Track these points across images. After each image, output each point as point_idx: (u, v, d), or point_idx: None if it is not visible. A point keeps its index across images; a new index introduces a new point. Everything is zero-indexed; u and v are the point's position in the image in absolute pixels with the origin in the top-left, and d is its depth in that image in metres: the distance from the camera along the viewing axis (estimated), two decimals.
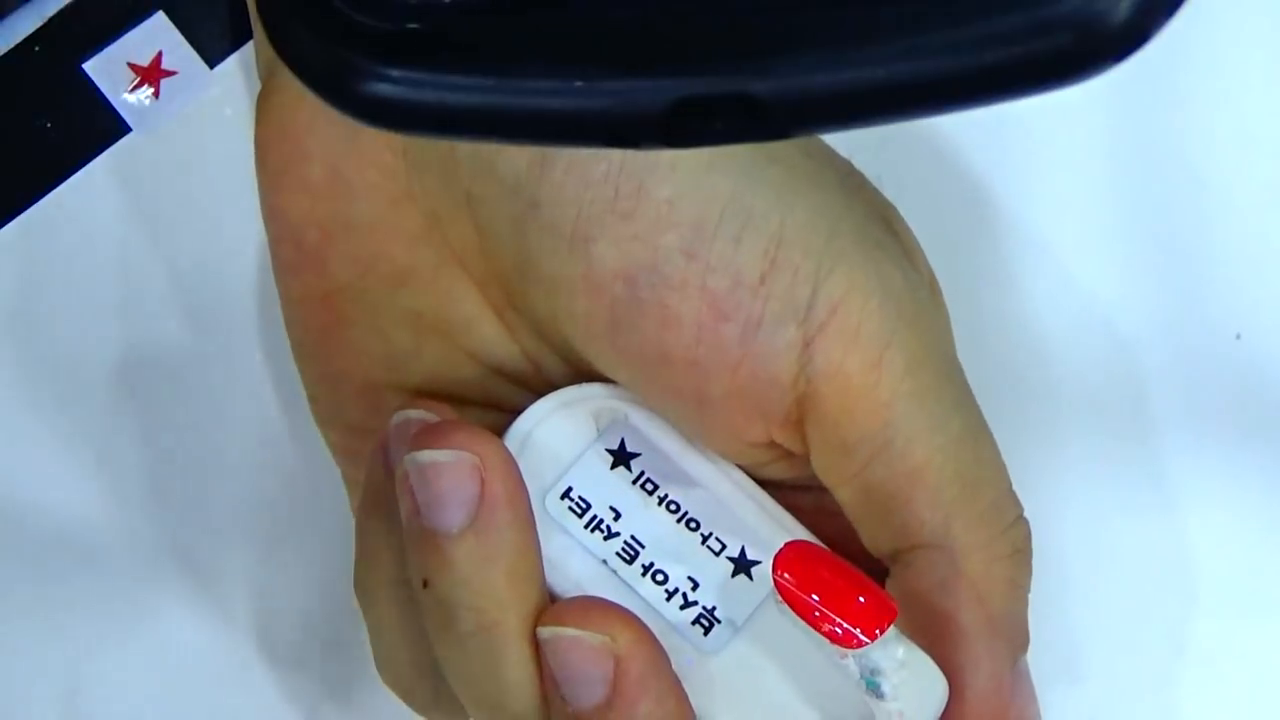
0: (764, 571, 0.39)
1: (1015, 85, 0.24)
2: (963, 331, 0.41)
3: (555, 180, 0.38)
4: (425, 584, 0.36)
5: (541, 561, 0.37)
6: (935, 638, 0.38)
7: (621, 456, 0.40)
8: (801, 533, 0.40)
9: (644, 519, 0.40)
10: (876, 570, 0.39)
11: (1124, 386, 0.49)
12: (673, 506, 0.40)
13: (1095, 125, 0.50)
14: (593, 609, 0.37)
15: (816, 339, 0.37)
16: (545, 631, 0.36)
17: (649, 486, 0.40)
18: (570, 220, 0.38)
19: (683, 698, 0.37)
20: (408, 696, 0.40)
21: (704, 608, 0.39)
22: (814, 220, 0.38)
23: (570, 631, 0.36)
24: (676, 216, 0.38)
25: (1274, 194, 0.50)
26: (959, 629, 0.38)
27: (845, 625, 0.36)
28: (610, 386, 0.40)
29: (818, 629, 0.36)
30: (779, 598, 0.36)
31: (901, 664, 0.36)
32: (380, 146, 0.39)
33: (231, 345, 0.48)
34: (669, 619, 0.39)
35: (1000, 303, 0.49)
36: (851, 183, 0.40)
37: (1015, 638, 0.39)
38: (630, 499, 0.40)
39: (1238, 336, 0.49)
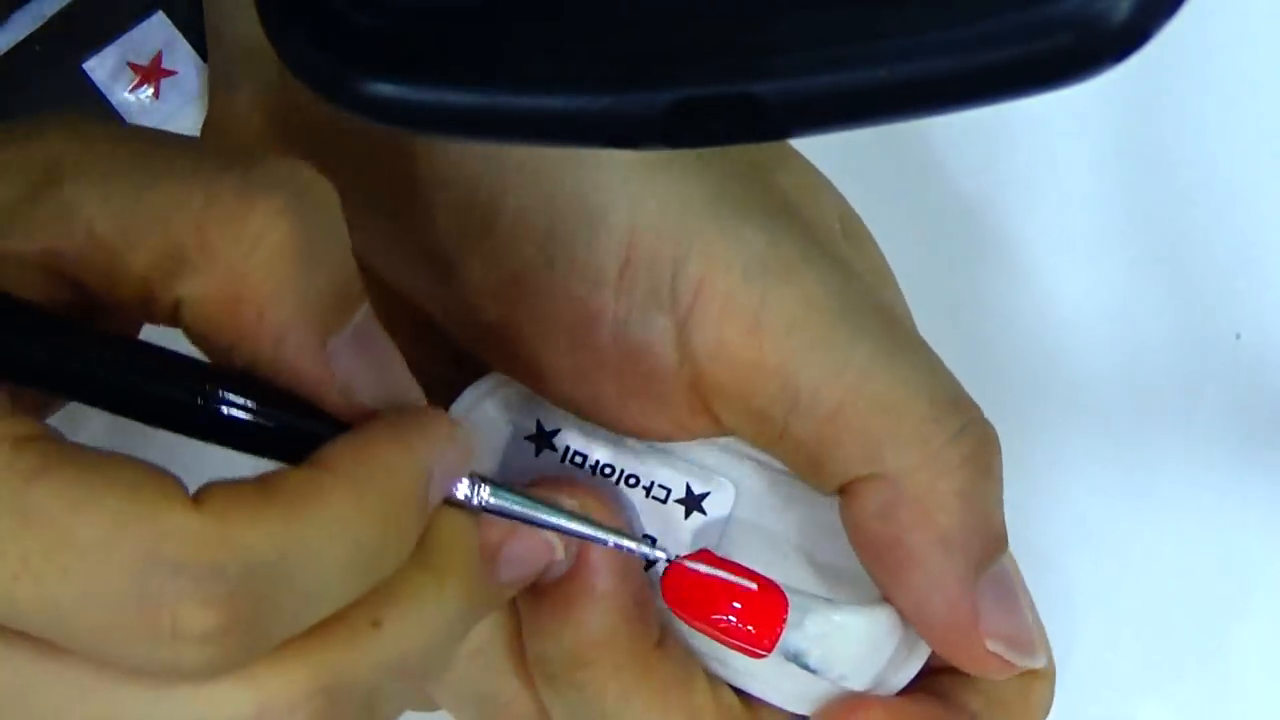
0: (718, 498, 0.39)
1: (1015, 85, 0.24)
2: (964, 331, 0.41)
3: (425, 204, 0.38)
4: None
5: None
6: (887, 564, 0.37)
7: (542, 438, 0.40)
8: (720, 457, 0.40)
9: None
10: None
11: (1124, 386, 0.49)
12: (607, 470, 0.40)
13: (1095, 126, 0.50)
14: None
15: (688, 321, 0.37)
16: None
17: (578, 459, 0.40)
18: (443, 242, 0.38)
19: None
20: None
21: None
22: (664, 202, 0.37)
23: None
24: (528, 225, 0.38)
25: (1274, 194, 0.50)
26: (906, 552, 0.37)
27: (742, 644, 0.37)
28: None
29: (726, 645, 0.37)
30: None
31: (822, 636, 0.37)
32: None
33: None
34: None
35: (1001, 303, 0.49)
36: (712, 149, 0.39)
37: (977, 549, 0.37)
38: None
39: (1238, 336, 0.49)
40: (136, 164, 0.33)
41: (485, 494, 0.35)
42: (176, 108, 0.49)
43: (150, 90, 0.49)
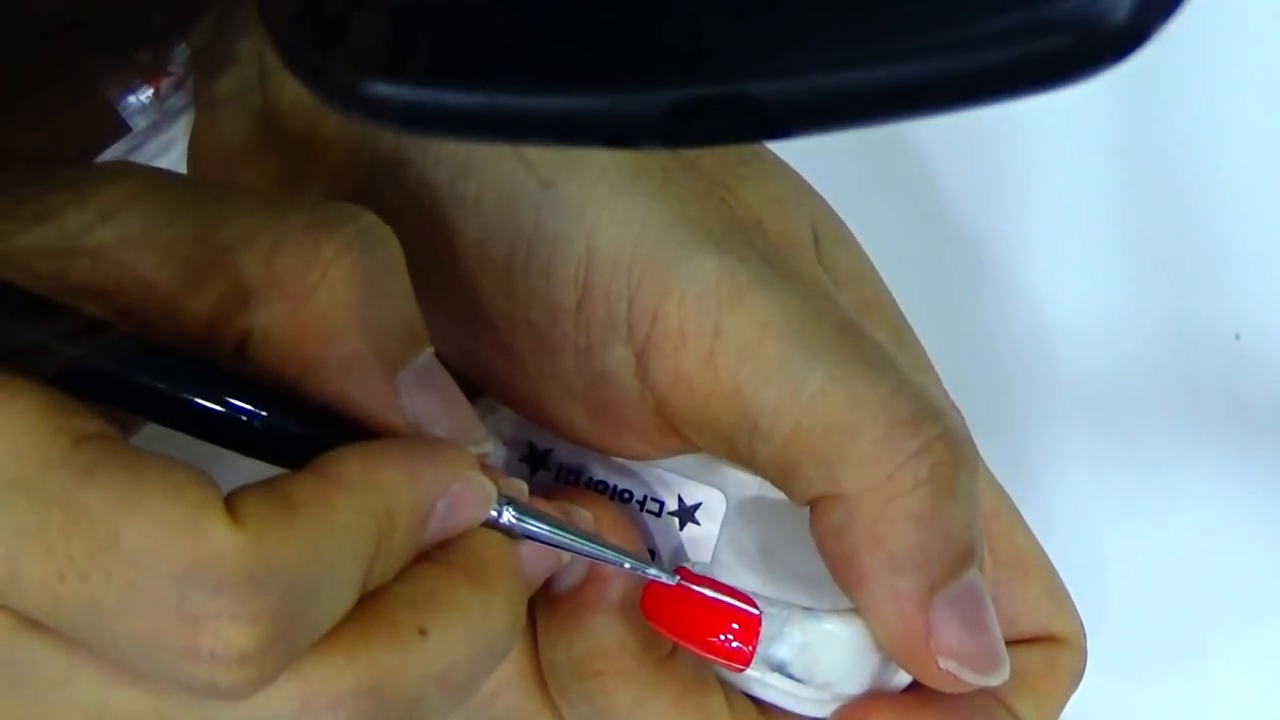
0: (710, 508, 0.40)
1: (1015, 85, 0.24)
2: (962, 332, 0.41)
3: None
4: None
5: None
6: (844, 578, 0.38)
7: (536, 458, 0.40)
8: (709, 466, 0.40)
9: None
10: None
11: (1124, 386, 0.49)
12: (601, 487, 0.40)
13: (1095, 126, 0.50)
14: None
15: (645, 352, 0.37)
16: None
17: (572, 478, 0.40)
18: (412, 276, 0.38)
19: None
20: None
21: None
22: (618, 232, 0.37)
23: None
24: (488, 256, 0.38)
25: (1274, 194, 0.50)
26: (860, 571, 0.37)
27: (720, 659, 0.37)
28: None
29: (706, 660, 0.38)
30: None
31: (804, 646, 0.37)
32: None
33: None
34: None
35: (1000, 304, 0.49)
36: (675, 165, 0.39)
37: (933, 569, 0.37)
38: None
39: (1237, 337, 0.49)
40: (203, 203, 0.33)
41: (510, 516, 0.35)
42: (176, 108, 0.49)
43: (150, 90, 0.49)
